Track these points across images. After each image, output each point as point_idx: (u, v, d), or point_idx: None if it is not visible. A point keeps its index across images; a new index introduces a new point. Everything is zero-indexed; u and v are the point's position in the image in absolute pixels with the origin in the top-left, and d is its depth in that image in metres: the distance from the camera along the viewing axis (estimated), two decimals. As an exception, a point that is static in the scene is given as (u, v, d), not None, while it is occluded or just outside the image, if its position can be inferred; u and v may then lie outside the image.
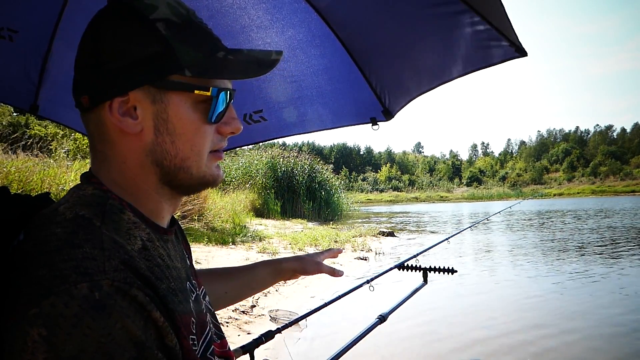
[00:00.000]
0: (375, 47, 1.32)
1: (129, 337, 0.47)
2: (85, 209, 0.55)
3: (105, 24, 0.59)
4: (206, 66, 0.61)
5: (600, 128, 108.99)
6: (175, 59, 0.59)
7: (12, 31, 1.36)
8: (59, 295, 0.45)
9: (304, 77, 1.47)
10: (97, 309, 0.45)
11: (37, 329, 0.44)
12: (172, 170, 0.62)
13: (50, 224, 0.53)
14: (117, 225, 0.55)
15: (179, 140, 0.61)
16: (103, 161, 0.62)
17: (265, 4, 1.28)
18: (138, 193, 0.62)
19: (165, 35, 0.59)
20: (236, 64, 0.64)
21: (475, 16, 1.04)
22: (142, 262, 0.54)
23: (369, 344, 3.44)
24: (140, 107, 0.59)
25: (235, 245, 8.40)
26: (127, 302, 0.48)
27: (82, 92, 0.59)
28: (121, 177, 0.61)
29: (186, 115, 0.61)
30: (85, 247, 0.50)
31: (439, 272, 1.93)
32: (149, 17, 0.59)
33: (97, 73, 0.58)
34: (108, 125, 0.59)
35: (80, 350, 0.44)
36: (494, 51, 1.13)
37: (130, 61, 0.57)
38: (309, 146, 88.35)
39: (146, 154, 0.60)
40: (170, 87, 0.59)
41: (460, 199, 70.85)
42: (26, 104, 1.62)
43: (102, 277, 0.47)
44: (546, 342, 3.88)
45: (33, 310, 0.45)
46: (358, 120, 1.56)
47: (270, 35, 1.36)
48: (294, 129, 1.64)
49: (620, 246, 9.63)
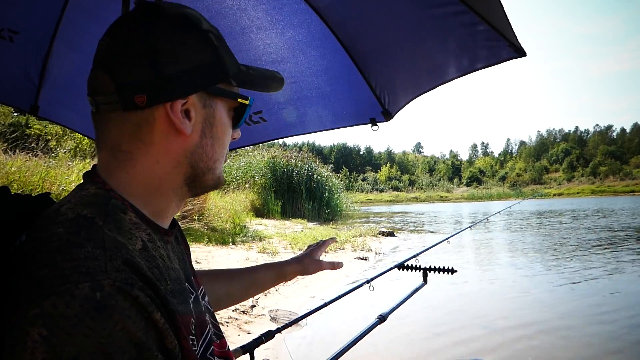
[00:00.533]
0: (375, 48, 1.32)
1: (129, 338, 0.47)
2: (87, 209, 0.55)
3: (160, 28, 0.60)
4: (244, 77, 0.68)
5: (600, 128, 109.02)
6: (224, 67, 0.64)
7: (12, 32, 1.37)
8: (60, 295, 0.45)
9: (304, 78, 1.47)
10: (98, 310, 0.45)
11: (38, 329, 0.44)
12: (202, 172, 0.66)
13: (51, 224, 0.53)
14: (118, 224, 0.55)
15: (217, 143, 0.67)
16: (124, 161, 0.62)
17: (265, 5, 1.28)
18: (155, 193, 0.63)
19: (216, 45, 0.64)
20: (259, 78, 0.71)
21: (474, 17, 1.04)
22: (143, 262, 0.54)
23: (369, 344, 3.44)
24: (194, 110, 0.63)
25: (235, 245, 8.40)
26: (129, 302, 0.48)
27: (138, 91, 0.59)
28: (142, 177, 0.62)
29: (224, 121, 0.67)
30: (87, 246, 0.50)
31: (439, 272, 1.93)
32: (201, 27, 0.63)
33: (158, 74, 0.59)
34: (157, 125, 0.61)
35: (80, 351, 0.44)
36: (493, 51, 1.14)
37: (191, 66, 0.61)
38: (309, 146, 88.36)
39: (186, 154, 0.64)
40: (219, 94, 0.65)
41: (460, 199, 70.83)
42: (26, 104, 1.62)
43: (104, 277, 0.48)
44: (546, 341, 3.89)
45: (34, 310, 0.45)
46: (357, 120, 1.57)
47: (270, 37, 1.36)
48: (293, 129, 1.64)
49: (618, 245, 9.64)
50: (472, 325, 4.37)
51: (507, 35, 1.06)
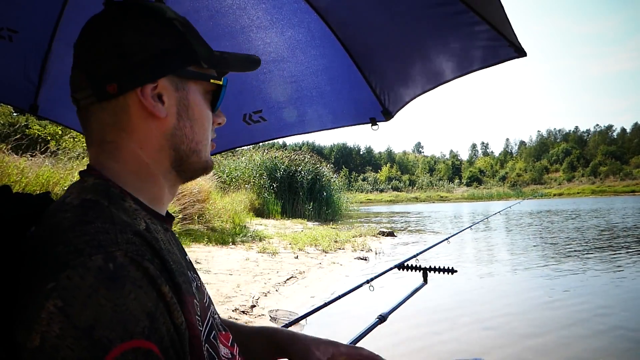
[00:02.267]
0: (375, 47, 1.32)
1: (142, 308, 0.48)
2: (90, 194, 0.58)
3: (127, 20, 0.64)
4: (216, 60, 0.70)
5: (600, 128, 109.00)
6: (193, 51, 0.67)
7: (11, 31, 1.36)
8: (75, 268, 0.47)
9: (304, 78, 1.47)
10: (111, 280, 0.47)
11: (53, 301, 0.45)
12: (186, 154, 0.68)
13: (59, 211, 0.56)
14: (122, 206, 0.59)
15: (195, 125, 0.68)
16: (112, 151, 0.64)
17: (264, 4, 1.28)
18: (146, 179, 0.66)
19: (182, 31, 0.66)
20: (234, 60, 0.74)
21: (474, 17, 1.04)
22: (150, 237, 0.57)
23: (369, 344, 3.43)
24: (166, 94, 0.65)
25: (235, 245, 8.40)
26: (140, 273, 0.50)
27: (109, 81, 0.62)
28: (131, 165, 0.64)
29: (200, 102, 0.69)
30: (97, 222, 0.52)
31: (439, 272, 1.93)
32: (165, 15, 0.66)
33: (126, 63, 0.62)
34: (132, 111, 0.63)
35: (95, 320, 0.45)
36: (493, 51, 1.13)
37: (157, 52, 0.63)
38: (308, 146, 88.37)
39: (167, 137, 0.66)
40: (191, 76, 0.67)
41: (460, 199, 70.84)
42: (26, 104, 1.62)
43: (116, 248, 0.49)
44: (547, 341, 3.88)
45: (50, 284, 0.46)
46: (357, 120, 1.57)
47: (270, 36, 1.36)
48: (293, 129, 1.64)
49: (618, 245, 9.63)
50: (473, 325, 4.37)
51: (507, 35, 1.06)
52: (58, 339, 0.44)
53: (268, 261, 7.23)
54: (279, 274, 6.30)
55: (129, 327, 0.46)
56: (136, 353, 0.46)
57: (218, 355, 0.65)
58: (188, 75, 0.66)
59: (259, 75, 1.47)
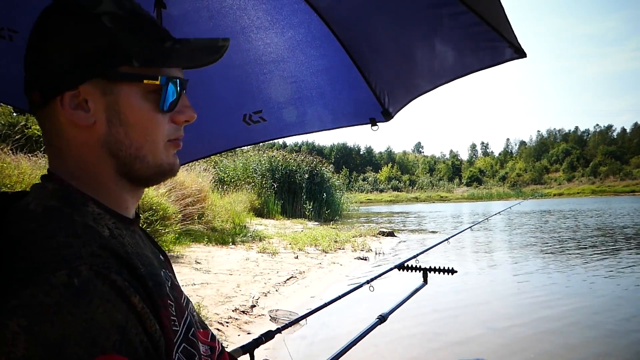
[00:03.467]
0: (375, 48, 1.32)
1: (111, 322, 0.46)
2: (52, 201, 0.57)
3: (50, 22, 0.60)
4: (153, 56, 0.62)
5: (600, 128, 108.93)
6: (122, 50, 0.60)
7: (12, 31, 1.36)
8: (38, 285, 0.45)
9: (304, 78, 1.47)
10: (77, 296, 0.45)
11: (16, 320, 0.43)
12: (128, 161, 0.62)
13: (21, 220, 0.54)
14: (84, 213, 0.57)
15: (132, 130, 0.62)
16: (60, 156, 0.63)
17: (265, 5, 1.28)
18: (98, 185, 0.63)
19: (110, 27, 0.59)
20: (183, 53, 0.65)
21: (474, 17, 1.04)
22: (117, 245, 0.55)
23: (369, 344, 3.44)
24: (92, 99, 0.60)
25: (235, 245, 8.40)
26: (107, 286, 0.48)
27: (33, 89, 0.60)
28: (80, 171, 0.62)
29: (137, 105, 0.62)
30: (59, 235, 0.50)
31: (439, 272, 1.93)
32: (92, 11, 0.59)
33: (46, 69, 0.59)
34: (61, 120, 0.60)
35: (64, 337, 0.43)
36: (493, 52, 1.14)
37: (77, 55, 0.58)
38: (308, 146, 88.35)
39: (100, 145, 0.61)
40: (119, 78, 0.60)
41: (460, 199, 70.82)
42: (25, 104, 1.62)
43: (80, 262, 0.48)
44: (547, 341, 3.88)
45: (12, 302, 0.45)
46: (357, 120, 1.57)
47: (270, 36, 1.36)
48: (293, 129, 1.64)
49: (618, 244, 9.63)
50: (473, 326, 4.37)
51: (507, 36, 1.06)
52: (25, 359, 0.43)
53: (268, 261, 7.23)
54: (279, 274, 6.30)
55: (100, 342, 0.45)
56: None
57: (198, 353, 0.64)
58: (116, 77, 0.60)
59: (259, 75, 1.47)
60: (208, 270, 6.02)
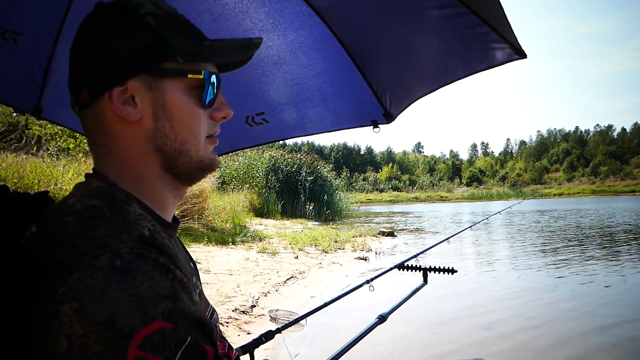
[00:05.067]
0: (376, 50, 1.33)
1: (158, 293, 0.48)
2: (94, 200, 0.57)
3: (97, 24, 0.63)
4: (196, 52, 0.65)
5: (600, 128, 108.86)
6: (167, 47, 0.63)
7: (16, 33, 1.37)
8: (83, 270, 0.47)
9: (306, 80, 1.48)
10: (121, 274, 0.47)
11: (68, 304, 0.46)
12: (172, 155, 0.64)
13: (62, 215, 0.55)
14: (124, 215, 0.57)
15: (177, 124, 0.64)
16: (105, 155, 0.64)
17: (267, 8, 1.29)
18: (143, 183, 0.64)
19: (155, 26, 0.63)
20: (223, 50, 0.69)
21: (475, 19, 1.05)
22: (156, 240, 0.56)
23: (369, 344, 3.44)
24: (138, 95, 0.62)
25: (235, 245, 8.40)
26: (150, 265, 0.50)
27: (81, 88, 0.62)
28: (125, 169, 0.64)
29: (181, 100, 0.64)
30: (102, 227, 0.52)
31: (439, 272, 1.94)
32: (137, 12, 0.63)
33: (95, 68, 0.61)
34: (108, 116, 0.62)
35: (114, 312, 0.45)
36: (493, 54, 1.15)
37: (125, 53, 0.61)
38: (308, 146, 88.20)
39: (147, 140, 0.63)
40: (165, 73, 0.63)
41: (460, 199, 70.78)
42: (29, 106, 1.62)
43: (121, 245, 0.50)
44: (547, 341, 3.89)
45: (61, 288, 0.47)
46: (359, 122, 1.58)
47: (272, 39, 1.37)
48: (295, 131, 1.65)
49: (617, 244, 9.63)
50: (473, 326, 4.37)
51: (507, 37, 1.07)
52: (83, 338, 0.45)
53: (268, 261, 7.24)
54: (278, 274, 6.31)
55: (149, 311, 0.47)
56: (161, 333, 0.46)
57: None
58: (162, 72, 0.63)
59: (261, 77, 1.48)
60: (208, 270, 6.02)
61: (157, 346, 0.45)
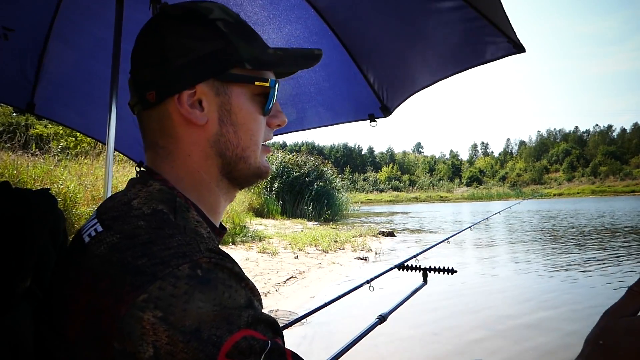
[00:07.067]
0: (373, 43, 1.31)
1: (238, 303, 0.50)
2: (161, 205, 0.57)
3: (167, 26, 0.63)
4: (263, 60, 0.66)
5: (600, 128, 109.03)
6: (236, 53, 0.63)
7: (7, 29, 1.36)
8: (164, 279, 0.47)
9: (302, 74, 1.46)
10: (203, 284, 0.48)
11: (151, 312, 0.46)
12: (233, 161, 0.65)
13: (130, 217, 0.55)
14: (186, 222, 0.58)
15: (240, 130, 0.64)
16: (166, 157, 0.64)
17: (261, 1, 1.27)
18: (201, 187, 0.65)
19: (225, 32, 0.63)
20: (287, 58, 0.69)
21: (472, 12, 1.03)
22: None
23: (369, 344, 3.43)
24: (206, 99, 0.62)
25: (235, 245, 8.40)
26: (227, 274, 0.51)
27: (148, 88, 0.62)
28: (185, 172, 0.64)
29: (246, 106, 0.65)
30: (177, 236, 0.53)
31: (439, 272, 1.93)
32: (208, 17, 0.63)
33: (164, 70, 0.61)
34: (174, 118, 0.62)
35: (200, 322, 0.46)
36: (491, 47, 1.13)
37: (196, 57, 0.61)
38: (308, 146, 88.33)
39: (210, 145, 0.63)
40: (233, 79, 0.63)
41: (460, 199, 70.87)
42: (22, 102, 1.61)
43: (200, 256, 0.51)
44: (547, 342, 3.88)
45: (142, 296, 0.47)
46: (356, 116, 1.56)
47: (268, 32, 1.35)
48: (292, 126, 1.63)
49: (616, 244, 9.63)
50: (473, 326, 4.36)
51: (505, 31, 1.05)
52: (170, 346, 0.45)
53: (268, 261, 7.22)
54: (278, 274, 6.29)
55: (234, 321, 0.48)
56: (246, 341, 0.47)
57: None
58: (229, 78, 0.63)
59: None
60: (208, 270, 6.01)
61: (244, 353, 0.47)
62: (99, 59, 1.47)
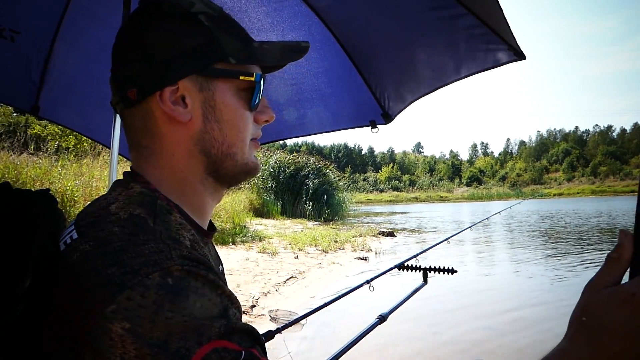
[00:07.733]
0: (375, 50, 1.33)
1: (211, 312, 0.47)
2: (138, 209, 0.55)
3: (147, 21, 0.61)
4: (248, 53, 0.63)
5: (600, 128, 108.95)
6: (220, 47, 0.61)
7: (14, 32, 1.37)
8: (133, 288, 0.46)
9: (304, 80, 1.47)
10: (174, 293, 0.46)
11: (119, 323, 0.44)
12: (218, 158, 0.63)
13: (106, 222, 0.53)
14: (167, 225, 0.56)
15: (225, 126, 0.62)
16: (149, 157, 0.62)
17: (265, 7, 1.28)
18: (185, 187, 0.63)
19: (207, 26, 0.60)
20: (273, 51, 0.66)
21: (474, 20, 1.05)
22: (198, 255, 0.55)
23: (369, 344, 3.44)
24: (189, 95, 0.60)
25: (235, 245, 8.40)
26: (200, 282, 0.49)
27: (129, 86, 0.60)
28: (169, 172, 0.62)
29: (231, 102, 0.62)
30: (150, 243, 0.50)
31: (439, 272, 1.94)
32: (190, 11, 0.60)
33: (146, 66, 0.59)
34: (157, 116, 0.60)
35: (168, 334, 0.44)
36: (492, 55, 1.14)
37: (178, 52, 0.59)
38: (308, 146, 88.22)
39: (195, 142, 0.61)
40: (217, 74, 0.61)
41: (460, 199, 70.81)
42: (27, 104, 1.62)
43: (171, 263, 0.48)
44: (547, 341, 3.89)
45: (110, 307, 0.45)
46: (357, 123, 1.57)
47: (271, 38, 1.36)
48: (294, 131, 1.65)
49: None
50: (473, 326, 4.37)
51: (506, 38, 1.07)
52: (138, 359, 0.44)
53: (268, 261, 7.24)
54: (278, 274, 6.31)
55: (204, 332, 0.46)
56: (218, 353, 0.45)
57: None
58: (213, 73, 0.60)
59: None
60: (208, 270, 6.02)
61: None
62: (103, 63, 1.48)
